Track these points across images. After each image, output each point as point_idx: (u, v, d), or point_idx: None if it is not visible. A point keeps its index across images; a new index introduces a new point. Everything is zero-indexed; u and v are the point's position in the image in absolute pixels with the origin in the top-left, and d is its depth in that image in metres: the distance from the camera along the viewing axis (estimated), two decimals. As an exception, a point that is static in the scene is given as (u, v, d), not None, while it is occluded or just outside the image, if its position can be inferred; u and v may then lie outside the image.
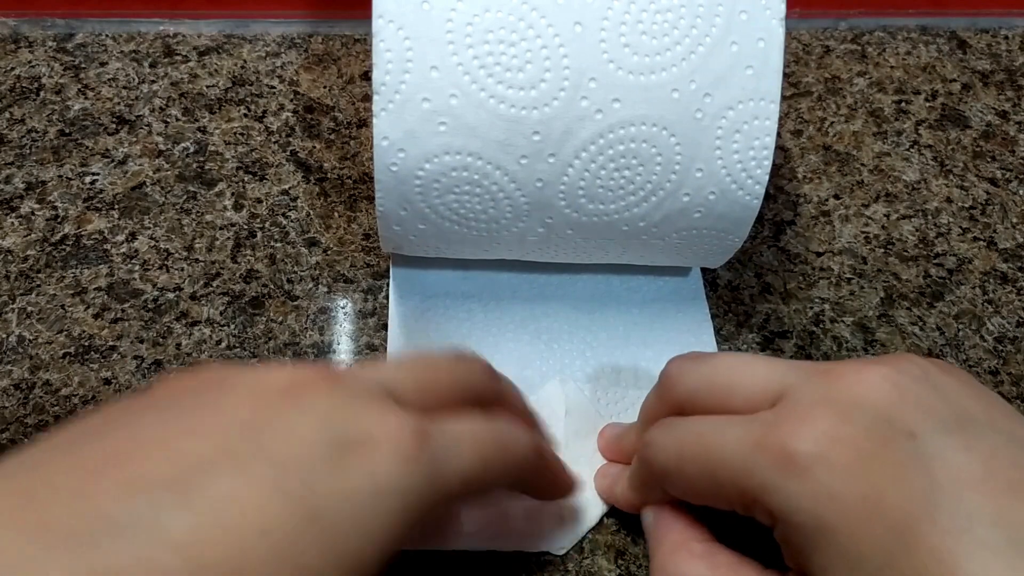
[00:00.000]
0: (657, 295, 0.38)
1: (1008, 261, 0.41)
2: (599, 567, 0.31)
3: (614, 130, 0.29)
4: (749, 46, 0.29)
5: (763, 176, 0.31)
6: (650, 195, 0.31)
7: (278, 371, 0.23)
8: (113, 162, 0.41)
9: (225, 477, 0.20)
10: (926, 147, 0.45)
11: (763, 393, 0.26)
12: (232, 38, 0.47)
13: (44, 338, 0.36)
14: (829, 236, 0.41)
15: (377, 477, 0.22)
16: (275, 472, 0.20)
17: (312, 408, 0.22)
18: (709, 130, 0.30)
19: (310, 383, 0.23)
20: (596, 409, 0.34)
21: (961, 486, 0.22)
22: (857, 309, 0.39)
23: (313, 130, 0.43)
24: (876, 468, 0.23)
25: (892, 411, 0.24)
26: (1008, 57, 0.50)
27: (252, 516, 0.20)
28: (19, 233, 0.39)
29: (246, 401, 0.22)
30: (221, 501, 0.20)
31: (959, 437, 0.23)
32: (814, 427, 0.24)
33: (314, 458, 0.21)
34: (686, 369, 0.28)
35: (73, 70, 0.45)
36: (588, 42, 0.29)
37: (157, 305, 0.37)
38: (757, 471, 0.24)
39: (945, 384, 0.25)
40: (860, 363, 0.25)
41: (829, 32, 0.50)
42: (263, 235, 0.39)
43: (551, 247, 0.34)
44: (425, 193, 0.30)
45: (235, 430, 0.21)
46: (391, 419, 0.23)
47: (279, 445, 0.21)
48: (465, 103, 0.29)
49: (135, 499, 0.19)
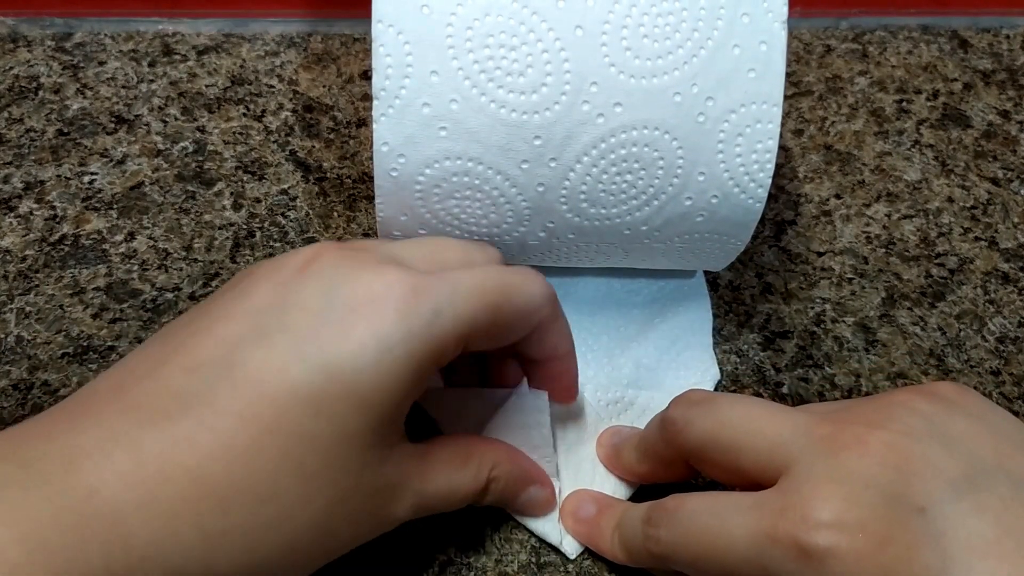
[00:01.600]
0: (658, 295, 0.38)
1: (1010, 261, 0.41)
2: (599, 567, 0.31)
3: (616, 134, 0.29)
4: (751, 49, 0.29)
5: (766, 179, 0.30)
6: (652, 199, 0.31)
7: (295, 253, 0.26)
8: (112, 162, 0.41)
9: (259, 350, 0.24)
10: (927, 147, 0.45)
11: (770, 459, 0.26)
12: (231, 37, 0.47)
13: (42, 338, 0.35)
14: (830, 236, 0.41)
15: (380, 332, 0.24)
16: (294, 341, 0.24)
17: (319, 276, 0.25)
18: (711, 134, 0.30)
19: (319, 256, 0.26)
20: (596, 412, 0.34)
21: (973, 555, 0.22)
22: (858, 309, 0.39)
23: (312, 129, 0.43)
24: (887, 551, 0.23)
25: (899, 486, 0.24)
26: (1009, 56, 0.50)
27: (281, 380, 0.23)
28: (17, 233, 0.39)
29: (269, 283, 0.25)
30: (256, 371, 0.23)
31: (969, 500, 0.23)
32: (824, 514, 0.23)
33: (324, 323, 0.24)
34: (691, 418, 0.28)
35: (72, 69, 0.45)
36: (589, 46, 0.29)
37: (156, 305, 0.37)
38: (772, 565, 0.24)
39: (950, 431, 0.25)
40: (861, 429, 0.25)
41: (830, 31, 0.50)
42: (262, 235, 0.39)
43: (552, 252, 0.33)
44: (425, 198, 0.30)
45: (263, 309, 0.25)
46: (390, 276, 0.25)
47: (294, 317, 0.24)
48: (465, 108, 0.29)
49: (193, 377, 0.23)
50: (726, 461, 0.27)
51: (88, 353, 0.35)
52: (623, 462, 0.32)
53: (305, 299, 0.25)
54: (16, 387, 0.34)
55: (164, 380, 0.24)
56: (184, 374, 0.24)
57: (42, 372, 0.35)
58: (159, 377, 0.24)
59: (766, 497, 0.25)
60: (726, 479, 0.28)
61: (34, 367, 0.35)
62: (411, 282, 0.25)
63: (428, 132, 0.29)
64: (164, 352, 0.25)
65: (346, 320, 0.24)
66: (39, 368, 0.35)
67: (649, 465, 0.31)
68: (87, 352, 0.35)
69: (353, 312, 0.24)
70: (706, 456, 0.28)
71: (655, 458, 0.30)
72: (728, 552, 0.25)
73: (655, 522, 0.27)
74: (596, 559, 0.31)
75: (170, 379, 0.24)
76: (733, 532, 0.25)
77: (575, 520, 0.31)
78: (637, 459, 0.31)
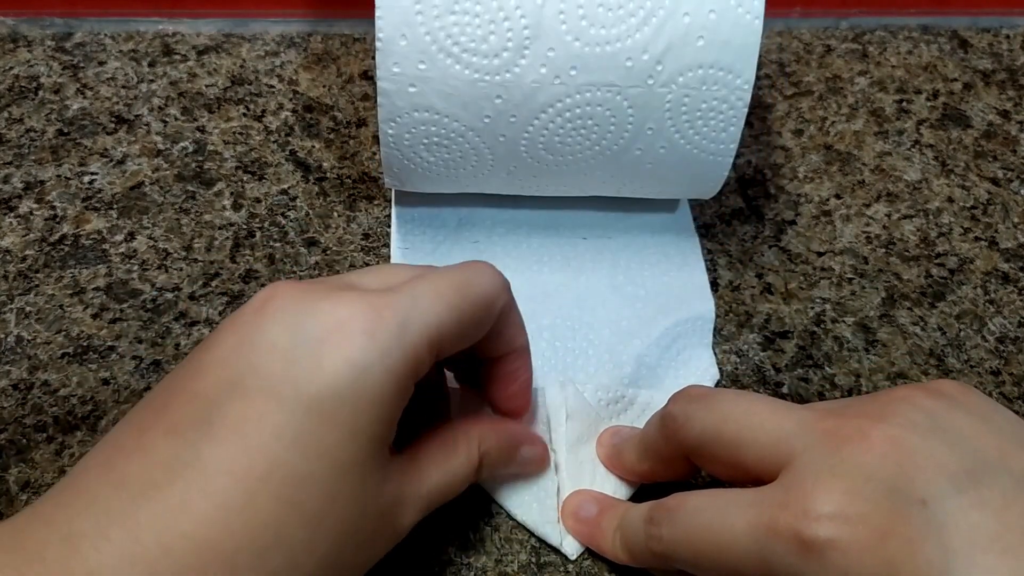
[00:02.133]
0: (662, 292, 0.38)
1: (1010, 261, 0.41)
2: (599, 568, 0.31)
3: (571, 95, 0.32)
4: (701, 17, 0.32)
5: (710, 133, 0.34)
6: (605, 149, 0.34)
7: (251, 299, 0.26)
8: (112, 162, 0.41)
9: (235, 402, 0.23)
10: (927, 147, 0.45)
11: (772, 454, 0.26)
12: (231, 37, 0.47)
13: (42, 338, 0.35)
14: (830, 236, 0.41)
15: (353, 356, 0.24)
16: (268, 384, 0.24)
17: (281, 313, 0.25)
18: (660, 96, 0.33)
19: (275, 295, 0.25)
20: (596, 412, 0.34)
21: (975, 549, 0.22)
22: (858, 309, 0.39)
23: (312, 129, 0.43)
24: (890, 544, 0.23)
25: (901, 479, 0.23)
26: (1009, 56, 0.50)
27: (263, 427, 0.23)
28: (17, 233, 0.39)
29: (231, 330, 0.25)
30: (236, 423, 0.23)
31: (971, 494, 0.23)
32: (825, 506, 0.23)
33: (294, 360, 0.24)
34: (691, 414, 0.28)
35: (72, 69, 0.45)
36: (548, 15, 0.32)
37: (156, 305, 0.37)
38: (773, 559, 0.24)
39: (953, 427, 0.25)
40: (864, 421, 0.25)
41: (830, 31, 0.50)
42: (262, 235, 0.39)
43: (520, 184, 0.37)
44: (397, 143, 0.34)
45: (229, 357, 0.24)
46: (350, 300, 0.25)
47: (263, 359, 0.24)
48: (432, 69, 0.32)
49: (176, 440, 0.23)
50: (727, 456, 0.27)
51: (88, 353, 0.35)
52: (624, 462, 0.32)
53: (271, 339, 0.24)
54: (16, 387, 0.34)
55: (149, 449, 0.23)
56: (167, 439, 0.23)
57: (42, 372, 0.35)
58: (144, 447, 0.23)
59: (767, 492, 0.25)
60: (727, 475, 0.28)
61: (34, 367, 0.35)
62: (372, 301, 0.25)
63: (398, 88, 0.32)
64: (145, 420, 0.24)
65: (316, 352, 0.24)
66: (39, 368, 0.35)
67: (650, 464, 0.31)
68: (87, 352, 0.35)
69: (321, 343, 0.24)
70: (707, 452, 0.28)
71: (655, 456, 0.30)
72: (730, 548, 0.25)
73: (657, 521, 0.27)
74: (596, 559, 0.31)
75: (155, 447, 0.23)
76: (735, 527, 0.25)
77: (576, 520, 0.31)
78: (638, 458, 0.31)
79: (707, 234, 0.41)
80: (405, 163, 0.35)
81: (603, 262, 0.39)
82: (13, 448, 0.33)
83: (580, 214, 0.40)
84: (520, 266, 0.38)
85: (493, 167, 0.35)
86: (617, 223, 0.40)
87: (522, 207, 0.40)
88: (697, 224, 0.41)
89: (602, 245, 0.39)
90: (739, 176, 0.43)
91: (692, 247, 0.40)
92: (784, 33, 0.50)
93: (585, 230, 0.40)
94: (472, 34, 0.31)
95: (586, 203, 0.40)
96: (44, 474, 0.32)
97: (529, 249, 0.39)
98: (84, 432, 0.33)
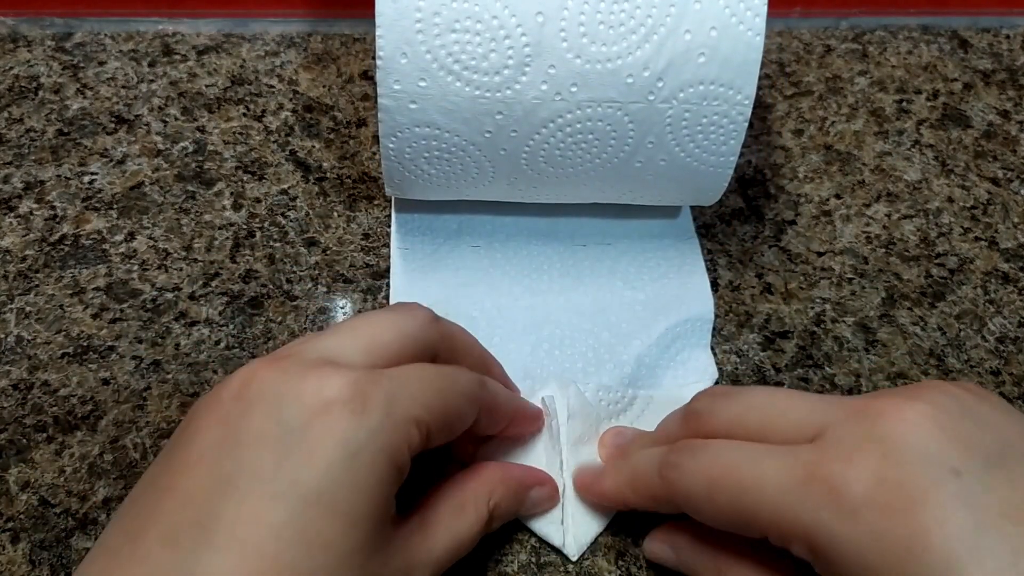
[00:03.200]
0: (661, 293, 0.38)
1: (1010, 261, 0.41)
2: (599, 568, 0.31)
3: (572, 111, 0.32)
4: (702, 35, 0.32)
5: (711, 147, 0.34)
6: (606, 163, 0.34)
7: (226, 381, 0.25)
8: (112, 162, 0.41)
9: (230, 503, 0.22)
10: (927, 147, 0.45)
11: (798, 431, 0.26)
12: (231, 37, 0.47)
13: (42, 338, 0.35)
14: (830, 236, 0.41)
15: (344, 439, 0.23)
16: (261, 481, 0.23)
17: (262, 400, 0.24)
18: (661, 112, 0.33)
19: (253, 377, 0.24)
20: (597, 412, 0.34)
21: (1006, 521, 0.22)
22: (858, 309, 0.39)
23: (312, 129, 0.43)
24: (922, 509, 0.23)
25: (937, 450, 0.24)
26: (1009, 56, 0.50)
27: (262, 528, 0.22)
28: (17, 233, 0.39)
29: (212, 420, 0.24)
30: (233, 526, 0.22)
31: (1003, 471, 0.23)
32: (862, 468, 0.24)
33: (285, 451, 0.23)
34: (717, 408, 0.28)
35: (72, 69, 0.45)
36: (549, 32, 0.31)
37: (156, 305, 0.37)
38: (803, 510, 0.24)
39: (982, 413, 0.25)
40: (897, 399, 0.25)
41: (830, 31, 0.50)
42: (262, 235, 0.39)
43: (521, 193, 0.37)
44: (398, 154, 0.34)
45: (216, 453, 0.23)
46: (333, 380, 0.24)
47: (251, 454, 0.23)
48: (433, 86, 0.32)
49: (174, 550, 0.22)
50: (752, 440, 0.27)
51: (88, 353, 0.35)
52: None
53: (256, 429, 0.23)
54: (16, 387, 0.34)
55: (145, 560, 0.22)
56: (164, 550, 0.22)
57: (42, 372, 0.35)
58: (140, 559, 0.22)
59: (802, 448, 0.25)
60: None
61: (34, 367, 0.35)
62: (355, 378, 0.24)
63: (398, 105, 0.32)
64: (137, 524, 0.23)
65: (305, 439, 0.23)
66: (39, 368, 0.35)
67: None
68: (87, 352, 0.35)
69: (309, 428, 0.23)
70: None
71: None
72: (754, 491, 0.25)
73: (679, 449, 0.27)
74: (596, 559, 0.31)
75: (152, 558, 0.22)
76: (765, 472, 0.25)
77: (582, 471, 0.32)
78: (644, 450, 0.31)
79: (707, 234, 0.41)
80: (406, 175, 0.35)
81: (603, 268, 0.39)
82: (13, 448, 0.33)
83: (580, 220, 0.40)
84: (520, 272, 0.38)
85: (494, 178, 0.35)
86: (617, 228, 0.40)
87: (522, 213, 0.40)
88: (697, 224, 0.41)
89: (602, 252, 0.39)
90: (739, 176, 0.43)
91: (692, 249, 0.40)
92: (784, 33, 0.50)
93: (585, 236, 0.40)
94: (473, 52, 0.31)
95: (586, 209, 0.40)
96: (44, 474, 0.32)
97: (529, 255, 0.39)
98: (84, 432, 0.33)
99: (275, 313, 0.37)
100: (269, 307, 0.37)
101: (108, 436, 0.33)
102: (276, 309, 0.37)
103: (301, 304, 0.37)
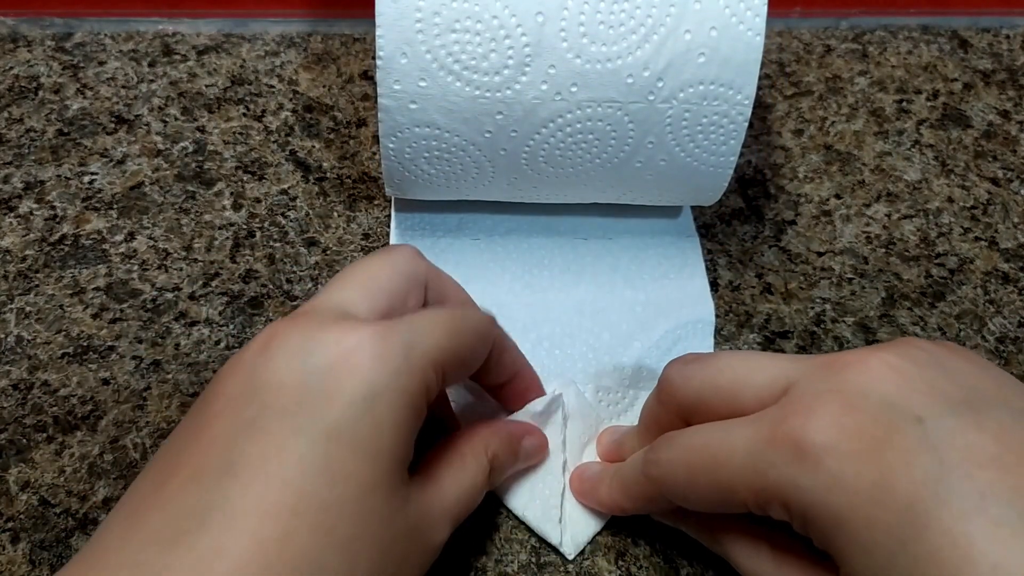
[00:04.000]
0: (661, 294, 0.38)
1: (1010, 261, 0.41)
2: (599, 568, 0.31)
3: (572, 110, 0.33)
4: (702, 35, 0.32)
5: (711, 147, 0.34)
6: (606, 162, 0.34)
7: (249, 343, 0.26)
8: (112, 162, 0.41)
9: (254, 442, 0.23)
10: (927, 147, 0.45)
11: (770, 389, 0.26)
12: (231, 37, 0.47)
13: (42, 338, 0.35)
14: (830, 236, 0.41)
15: (366, 381, 0.24)
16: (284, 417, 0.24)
17: (286, 350, 0.25)
18: (660, 112, 0.33)
19: (277, 333, 0.25)
20: (597, 412, 0.34)
21: (972, 465, 0.22)
22: (858, 309, 0.39)
23: (312, 129, 0.43)
24: (884, 454, 0.23)
25: (898, 397, 0.24)
26: (1009, 56, 0.50)
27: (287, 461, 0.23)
28: (17, 233, 0.39)
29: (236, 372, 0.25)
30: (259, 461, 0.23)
31: (968, 417, 0.23)
32: (821, 418, 0.24)
33: (307, 392, 0.24)
34: (688, 373, 0.28)
35: (72, 69, 0.45)
36: (549, 32, 0.31)
37: (156, 305, 0.37)
38: (770, 469, 0.24)
39: (953, 365, 0.25)
40: (864, 351, 0.25)
41: (830, 31, 0.50)
42: (262, 235, 0.39)
43: (521, 193, 0.37)
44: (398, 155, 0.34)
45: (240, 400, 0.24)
46: (353, 330, 0.25)
47: (275, 396, 0.24)
48: (433, 86, 0.32)
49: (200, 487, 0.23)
50: (726, 404, 0.27)
51: (88, 353, 0.35)
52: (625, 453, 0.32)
53: (280, 376, 0.24)
54: (16, 387, 0.34)
55: (174, 499, 0.23)
56: (191, 487, 0.23)
57: (42, 372, 0.35)
58: (168, 498, 0.23)
59: (767, 411, 0.25)
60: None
61: (34, 367, 0.35)
62: (375, 328, 0.25)
63: (399, 105, 0.32)
64: (163, 471, 0.24)
65: (328, 381, 0.24)
66: (39, 368, 0.35)
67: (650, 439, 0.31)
68: (87, 352, 0.35)
69: (332, 371, 0.24)
70: (705, 405, 0.28)
71: (656, 430, 0.30)
72: (727, 462, 0.25)
73: (656, 447, 0.28)
74: (596, 559, 0.31)
75: (179, 497, 0.23)
76: (734, 442, 0.25)
77: (579, 479, 0.32)
78: (637, 440, 0.31)
79: (707, 234, 0.41)
80: (406, 175, 0.35)
81: (603, 266, 0.39)
82: (13, 448, 0.33)
83: (581, 217, 0.40)
84: (521, 269, 0.39)
85: (494, 178, 0.35)
86: (618, 225, 0.40)
87: (522, 211, 0.40)
88: (697, 224, 0.41)
89: (602, 248, 0.39)
90: (739, 176, 0.43)
91: (692, 249, 0.40)
92: (784, 33, 0.50)
93: (586, 232, 0.40)
94: (473, 52, 0.31)
95: (587, 206, 0.40)
96: (44, 474, 0.32)
97: (529, 250, 0.39)
98: (84, 432, 0.33)
99: (275, 313, 0.37)
100: (269, 307, 0.37)
101: (108, 436, 0.33)
102: (276, 309, 0.37)
103: (301, 304, 0.37)
